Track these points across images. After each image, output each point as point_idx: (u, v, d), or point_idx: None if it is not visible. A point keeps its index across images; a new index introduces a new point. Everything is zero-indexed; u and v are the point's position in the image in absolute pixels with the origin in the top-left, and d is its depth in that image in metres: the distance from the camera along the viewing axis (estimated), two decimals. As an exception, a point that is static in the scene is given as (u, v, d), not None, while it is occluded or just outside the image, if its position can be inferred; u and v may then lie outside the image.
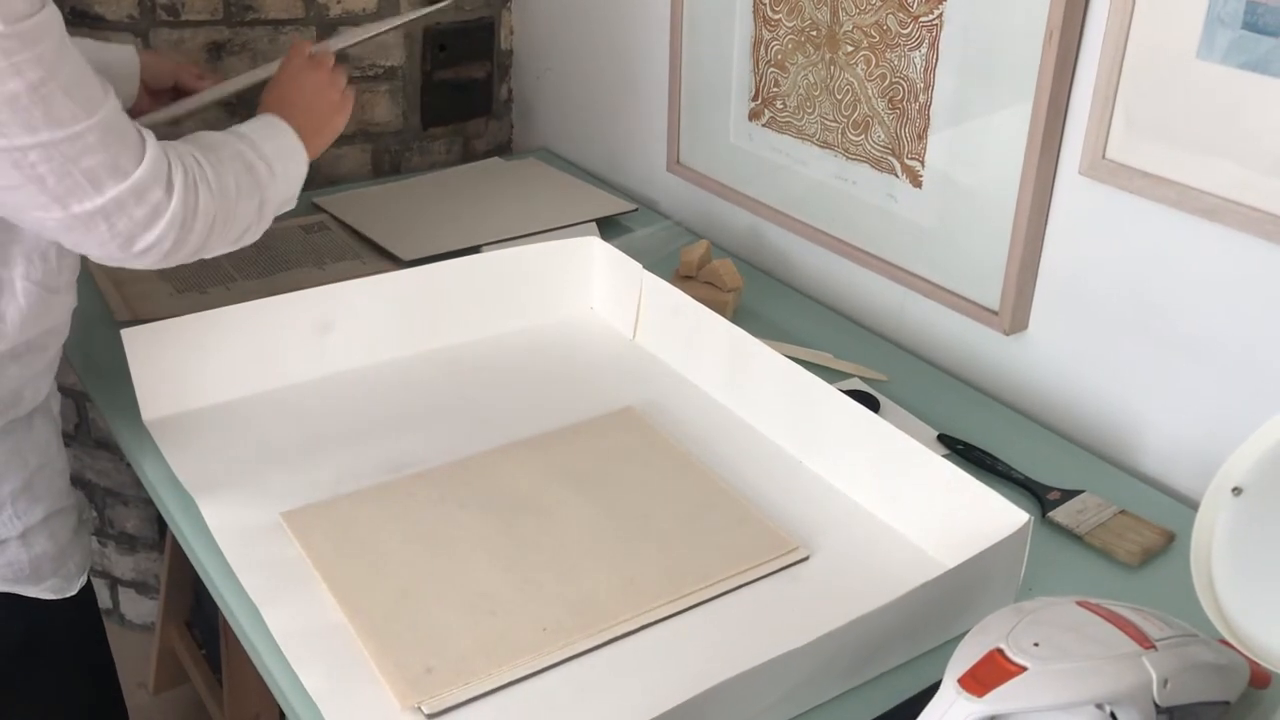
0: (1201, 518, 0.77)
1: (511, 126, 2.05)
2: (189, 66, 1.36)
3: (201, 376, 1.19)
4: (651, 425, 1.20)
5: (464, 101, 1.93)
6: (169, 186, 0.94)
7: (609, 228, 1.63)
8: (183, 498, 1.07)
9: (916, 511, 1.04)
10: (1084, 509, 1.10)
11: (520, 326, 1.38)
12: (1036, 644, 0.74)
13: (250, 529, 1.03)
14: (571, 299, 1.41)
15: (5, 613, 1.11)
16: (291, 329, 1.23)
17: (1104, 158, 1.13)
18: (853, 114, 1.38)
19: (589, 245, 1.40)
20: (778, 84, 1.48)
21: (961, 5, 1.22)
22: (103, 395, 1.22)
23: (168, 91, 1.33)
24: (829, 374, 1.29)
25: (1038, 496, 1.12)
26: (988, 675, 0.73)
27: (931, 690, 0.75)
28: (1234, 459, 0.76)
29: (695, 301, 1.27)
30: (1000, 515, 0.95)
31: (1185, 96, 1.05)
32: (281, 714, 1.16)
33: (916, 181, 1.33)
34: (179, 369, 1.17)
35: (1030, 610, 0.78)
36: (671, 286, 1.30)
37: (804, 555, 1.02)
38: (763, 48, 1.48)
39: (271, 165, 1.06)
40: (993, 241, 1.25)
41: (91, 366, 1.27)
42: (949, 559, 0.97)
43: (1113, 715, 0.72)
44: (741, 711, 0.83)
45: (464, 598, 0.96)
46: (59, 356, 1.12)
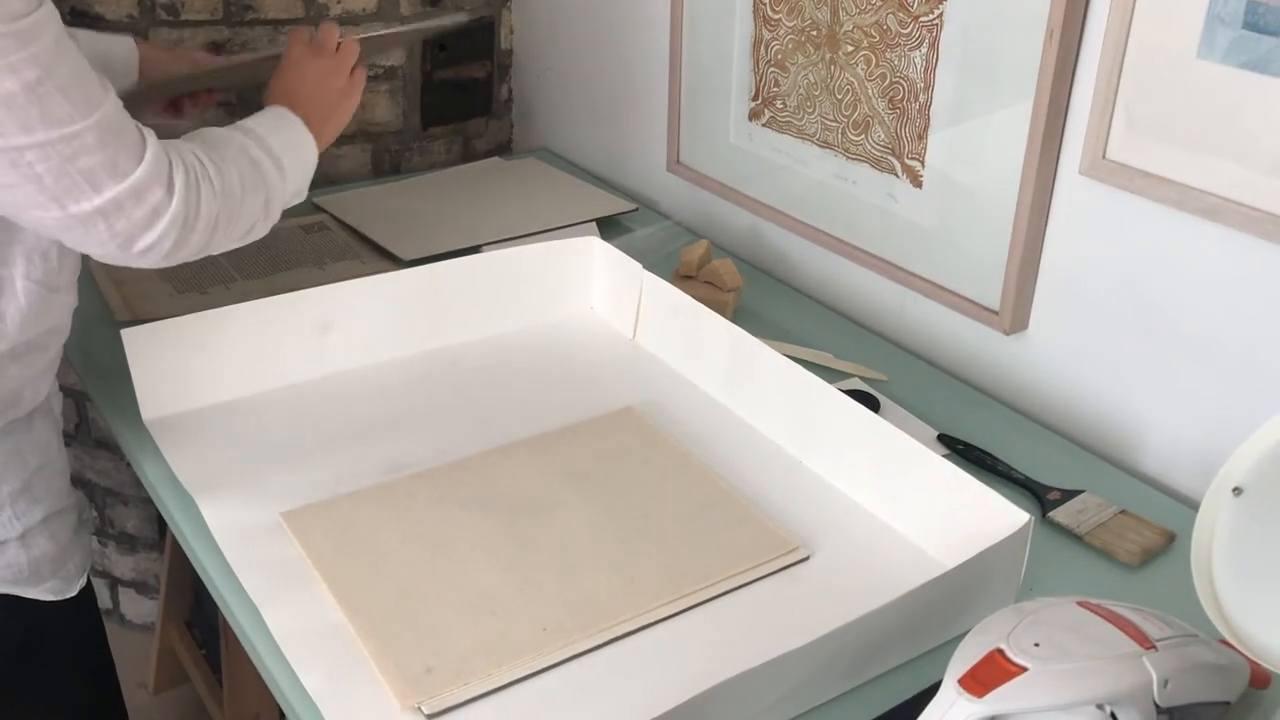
0: (1202, 518, 0.77)
1: (511, 126, 2.05)
2: (187, 53, 1.34)
3: (201, 376, 1.19)
4: (651, 425, 1.20)
5: (464, 101, 1.93)
6: (169, 186, 0.93)
7: (609, 228, 1.63)
8: (183, 498, 1.07)
9: (916, 511, 1.04)
10: (1084, 509, 1.10)
11: (520, 326, 1.37)
12: (1037, 644, 0.74)
13: (250, 529, 1.03)
14: (571, 299, 1.41)
15: (5, 614, 1.11)
16: (291, 329, 1.23)
17: (1104, 157, 1.13)
18: (853, 114, 1.38)
19: (589, 245, 1.40)
20: (778, 84, 1.48)
21: (961, 5, 1.22)
22: (103, 395, 1.22)
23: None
24: (829, 374, 1.29)
25: (1038, 496, 1.12)
26: (988, 675, 0.73)
27: (931, 690, 0.76)
28: (1234, 459, 0.76)
29: (695, 301, 1.27)
30: (1000, 515, 0.95)
31: (1186, 96, 1.05)
32: (281, 714, 1.16)
33: (917, 181, 1.33)
34: (179, 369, 1.17)
35: (1030, 610, 0.78)
36: (671, 286, 1.30)
37: (804, 555, 1.02)
38: (763, 47, 1.48)
39: (279, 159, 1.05)
40: (993, 241, 1.25)
41: (91, 366, 1.27)
42: (949, 559, 0.97)
43: (1113, 715, 0.72)
44: (741, 711, 0.83)
45: (464, 598, 0.96)
46: (60, 356, 1.11)
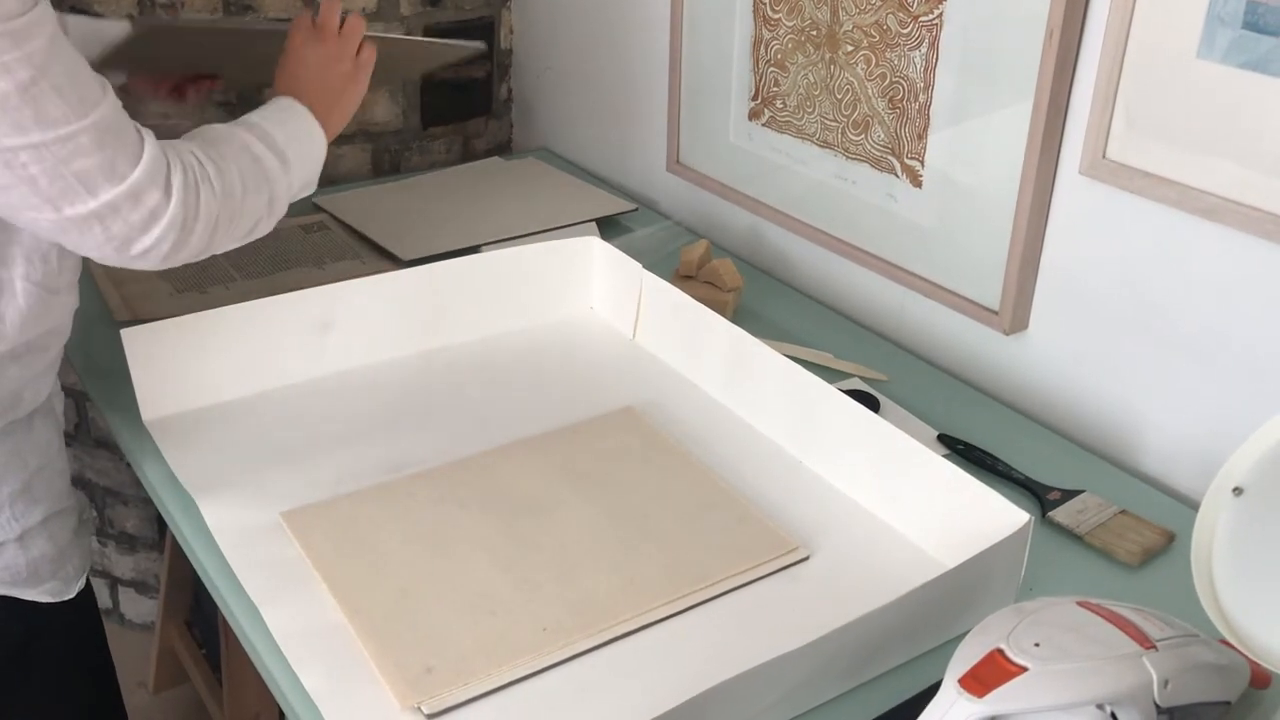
0: (1202, 518, 0.77)
1: (511, 126, 2.05)
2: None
3: (201, 376, 1.19)
4: (651, 425, 1.20)
5: (464, 101, 1.93)
6: (167, 189, 0.92)
7: (609, 227, 1.63)
8: (182, 498, 1.07)
9: (916, 511, 1.04)
10: (1084, 509, 1.10)
11: (520, 326, 1.37)
12: (1037, 644, 0.74)
13: (250, 529, 1.03)
14: (571, 299, 1.41)
15: (3, 615, 1.10)
16: (291, 329, 1.23)
17: (1104, 157, 1.13)
18: (853, 113, 1.38)
19: (589, 245, 1.40)
20: (778, 83, 1.48)
21: (961, 5, 1.22)
22: (103, 395, 1.22)
23: (160, 75, 1.28)
24: (829, 374, 1.29)
25: (1038, 496, 1.12)
26: (988, 675, 0.73)
27: (931, 691, 0.75)
28: (1235, 459, 0.76)
29: (695, 301, 1.27)
30: (1000, 515, 0.95)
31: (1185, 96, 1.05)
32: (281, 714, 1.16)
33: (916, 181, 1.33)
34: (179, 369, 1.17)
35: (1031, 610, 0.78)
36: (671, 286, 1.30)
37: (804, 555, 1.02)
38: (763, 47, 1.48)
39: (283, 154, 1.04)
40: (993, 241, 1.25)
41: (91, 366, 1.27)
42: (949, 559, 0.97)
43: (1113, 715, 0.72)
44: (741, 711, 0.83)
45: (464, 598, 0.96)
46: (61, 357, 1.11)
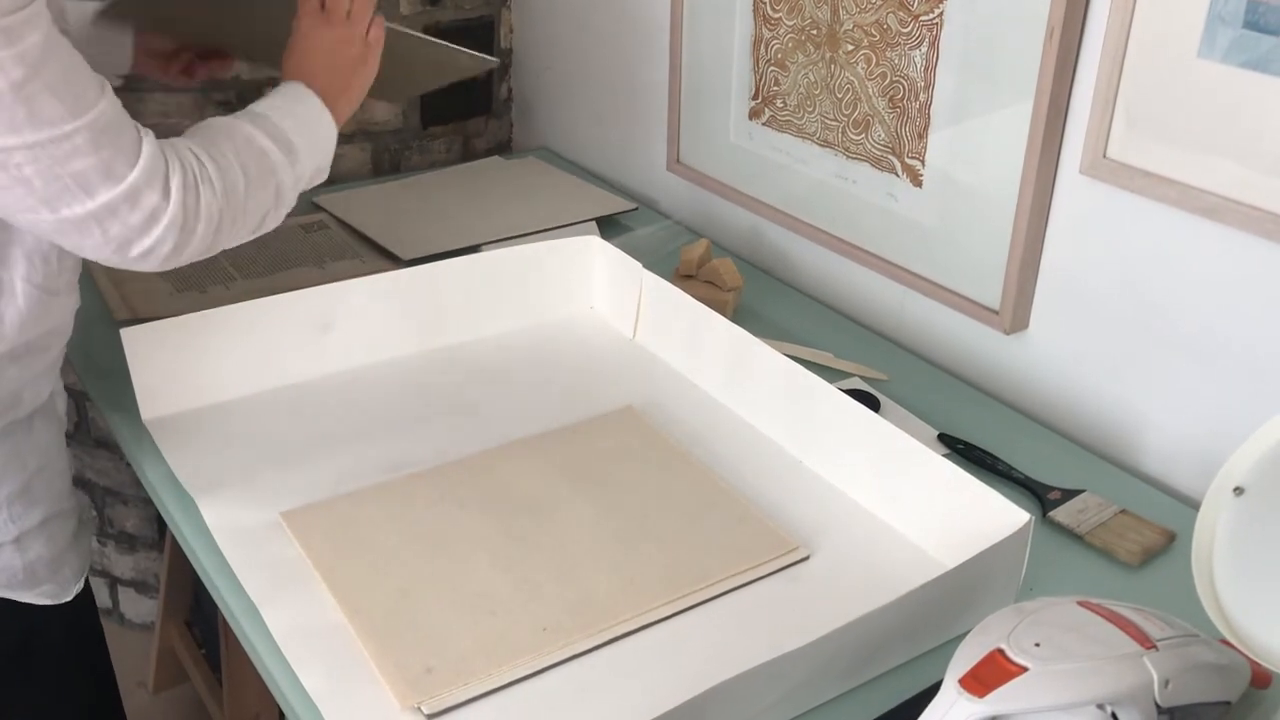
0: (1203, 517, 0.77)
1: (511, 125, 2.05)
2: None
3: (201, 376, 1.19)
4: (651, 425, 1.20)
5: (464, 100, 1.93)
6: (165, 190, 0.90)
7: (609, 227, 1.63)
8: (182, 497, 1.07)
9: (917, 511, 1.04)
10: (1085, 509, 1.10)
11: (520, 326, 1.37)
12: (1037, 644, 0.73)
13: (250, 529, 1.03)
14: (571, 298, 1.41)
15: (1, 616, 1.10)
16: (291, 328, 1.23)
17: (1104, 157, 1.13)
18: (853, 113, 1.38)
19: (589, 244, 1.40)
20: (778, 83, 1.48)
21: (962, 4, 1.22)
22: (102, 394, 1.22)
23: (169, 53, 1.27)
24: (829, 373, 1.29)
25: (1038, 496, 1.12)
26: (989, 675, 0.73)
27: (932, 691, 0.75)
28: (1235, 459, 0.76)
29: (695, 301, 1.27)
30: (1001, 515, 0.95)
31: (1186, 95, 1.05)
32: (281, 714, 1.16)
33: (917, 180, 1.33)
34: (178, 368, 1.17)
35: (1031, 610, 0.78)
36: (671, 286, 1.30)
37: (804, 555, 1.02)
38: (763, 46, 1.48)
39: (290, 144, 1.01)
40: (993, 240, 1.25)
41: (91, 366, 1.27)
42: (949, 559, 0.97)
43: (1114, 715, 0.72)
44: (741, 712, 0.83)
45: (464, 598, 0.95)
46: (62, 357, 1.10)
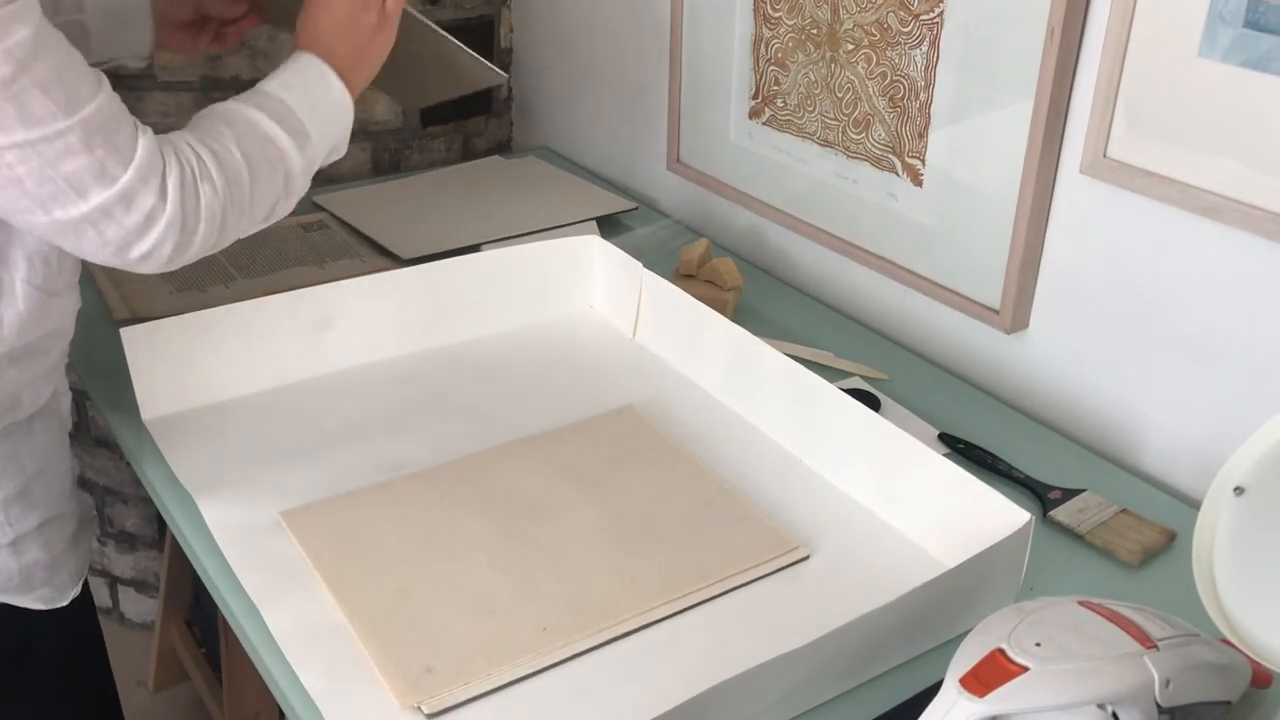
0: (1203, 517, 0.77)
1: (511, 125, 2.05)
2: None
3: (201, 375, 1.19)
4: (651, 424, 1.19)
5: (464, 100, 1.92)
6: (161, 191, 0.87)
7: (609, 226, 1.63)
8: (182, 497, 1.07)
9: (917, 511, 1.04)
10: (1085, 508, 1.10)
11: (520, 325, 1.37)
12: (1038, 644, 0.73)
13: (250, 529, 1.03)
14: (571, 297, 1.41)
15: None
16: (291, 327, 1.23)
17: (1105, 156, 1.13)
18: (853, 112, 1.38)
19: (589, 244, 1.40)
20: (778, 82, 1.47)
21: (962, 4, 1.22)
22: (102, 394, 1.22)
23: (195, 23, 1.20)
24: (830, 373, 1.29)
25: (1039, 496, 1.12)
26: (989, 675, 0.73)
27: (932, 690, 0.75)
28: (1235, 458, 0.76)
29: (695, 300, 1.27)
30: (1001, 514, 0.95)
31: (1186, 95, 1.05)
32: (281, 714, 1.16)
33: (917, 180, 1.33)
34: (178, 368, 1.17)
35: (1031, 610, 0.78)
36: (672, 285, 1.30)
37: (804, 555, 1.02)
38: (763, 46, 1.48)
39: (300, 125, 0.97)
40: (993, 240, 1.25)
41: (91, 366, 1.27)
42: (950, 559, 0.97)
43: (1115, 715, 0.72)
44: (741, 711, 0.83)
45: (464, 598, 0.95)
46: (64, 359, 1.09)
